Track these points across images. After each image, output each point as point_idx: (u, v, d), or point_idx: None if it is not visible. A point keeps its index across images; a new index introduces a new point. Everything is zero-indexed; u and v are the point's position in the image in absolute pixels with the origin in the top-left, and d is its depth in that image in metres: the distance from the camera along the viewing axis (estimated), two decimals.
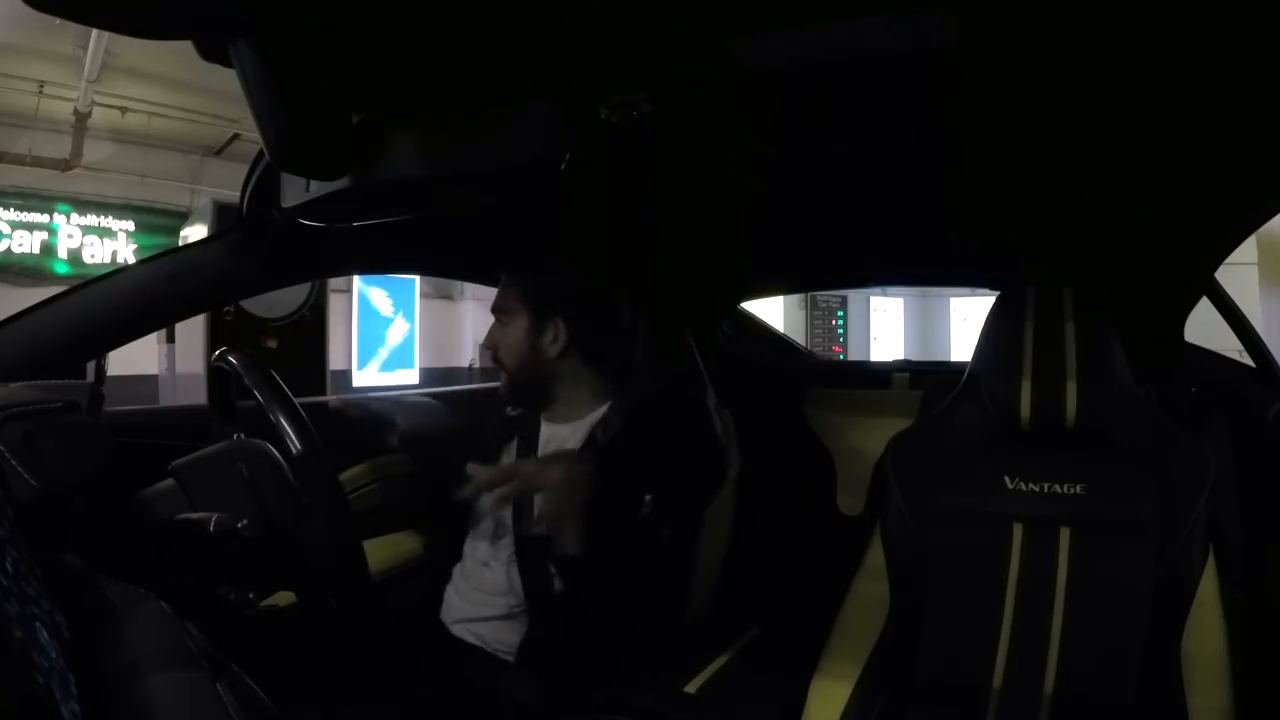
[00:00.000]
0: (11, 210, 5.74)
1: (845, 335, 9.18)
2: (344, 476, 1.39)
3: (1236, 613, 1.02)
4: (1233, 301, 1.44)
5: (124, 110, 5.25)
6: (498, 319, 1.23)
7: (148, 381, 4.13)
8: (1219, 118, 0.93)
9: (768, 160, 1.15)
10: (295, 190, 0.92)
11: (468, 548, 1.26)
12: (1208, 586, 1.02)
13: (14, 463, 0.66)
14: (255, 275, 1.29)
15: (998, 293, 1.20)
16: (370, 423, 1.42)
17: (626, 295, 1.25)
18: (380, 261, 1.96)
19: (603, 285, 1.23)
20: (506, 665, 1.14)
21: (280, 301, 3.96)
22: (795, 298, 8.41)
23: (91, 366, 1.07)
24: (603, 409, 1.23)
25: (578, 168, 0.80)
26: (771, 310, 7.83)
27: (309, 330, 4.11)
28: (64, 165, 5.54)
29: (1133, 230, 1.32)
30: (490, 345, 1.24)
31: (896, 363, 2.18)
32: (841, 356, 8.78)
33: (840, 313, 9.17)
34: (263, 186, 1.12)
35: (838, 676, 1.06)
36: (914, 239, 1.55)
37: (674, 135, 1.02)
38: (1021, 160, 1.12)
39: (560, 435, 1.23)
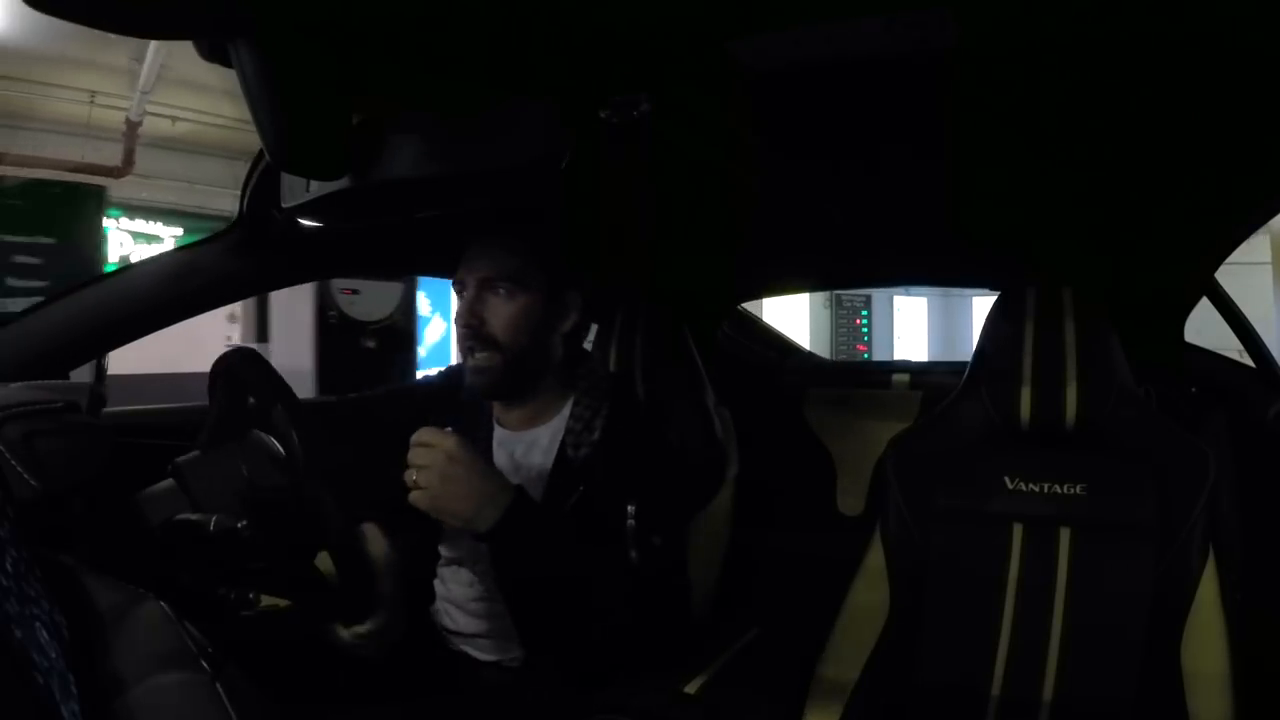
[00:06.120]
0: None
1: (870, 334, 9.12)
2: None
3: (1237, 613, 1.02)
4: (1232, 301, 1.44)
5: (174, 120, 5.35)
6: (493, 289, 1.06)
7: None
8: (1219, 117, 0.93)
9: (767, 161, 1.15)
10: (295, 190, 0.92)
11: (443, 548, 1.16)
12: (1208, 587, 1.02)
13: (14, 463, 0.66)
14: (255, 275, 1.29)
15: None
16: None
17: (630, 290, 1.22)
18: (380, 262, 1.96)
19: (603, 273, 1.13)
20: (503, 668, 1.14)
21: (378, 306, 4.59)
22: (820, 297, 8.32)
23: (92, 366, 1.07)
24: (565, 411, 1.09)
25: (578, 168, 0.80)
26: (798, 309, 7.83)
27: (399, 331, 4.74)
28: (116, 173, 5.59)
29: (1133, 230, 1.32)
30: (475, 320, 1.05)
31: (896, 363, 2.18)
32: (866, 355, 8.74)
33: (865, 312, 9.04)
34: (263, 186, 1.12)
35: (838, 677, 1.06)
36: (914, 240, 1.55)
37: (674, 135, 1.02)
38: (1022, 160, 1.12)
39: (524, 442, 1.09)
